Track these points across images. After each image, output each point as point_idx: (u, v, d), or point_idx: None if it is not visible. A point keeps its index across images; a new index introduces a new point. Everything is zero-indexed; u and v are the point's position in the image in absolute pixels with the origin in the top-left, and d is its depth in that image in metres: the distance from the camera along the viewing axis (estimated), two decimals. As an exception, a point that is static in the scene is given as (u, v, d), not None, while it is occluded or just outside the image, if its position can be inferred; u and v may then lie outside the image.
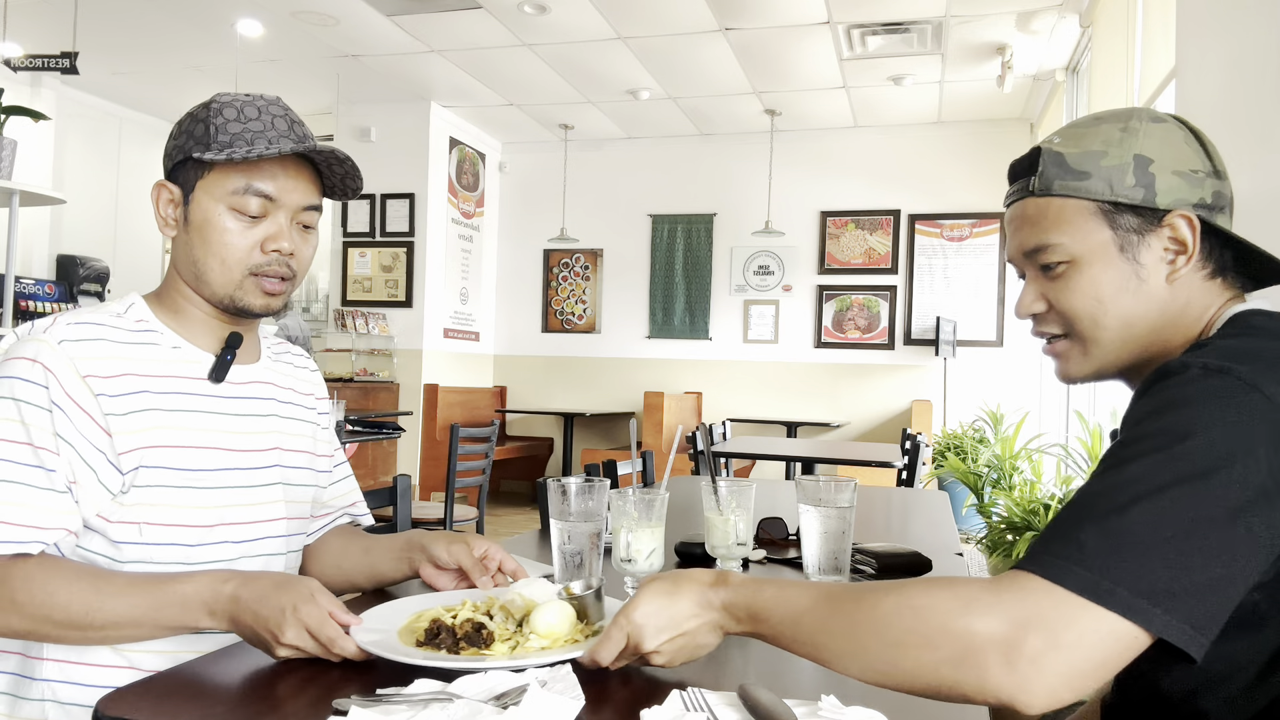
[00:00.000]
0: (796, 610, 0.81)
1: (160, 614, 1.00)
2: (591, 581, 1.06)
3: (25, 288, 5.28)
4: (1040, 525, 4.23)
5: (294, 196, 1.16)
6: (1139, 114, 0.92)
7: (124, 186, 7.52)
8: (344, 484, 1.42)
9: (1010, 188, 0.99)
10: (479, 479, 4.16)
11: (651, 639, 0.87)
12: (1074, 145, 0.92)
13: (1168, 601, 0.68)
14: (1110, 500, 0.72)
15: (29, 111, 3.47)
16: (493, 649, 0.95)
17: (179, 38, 5.99)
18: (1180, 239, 0.89)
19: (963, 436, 6.23)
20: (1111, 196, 0.89)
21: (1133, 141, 0.90)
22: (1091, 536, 0.71)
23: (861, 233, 7.44)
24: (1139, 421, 0.77)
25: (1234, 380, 0.74)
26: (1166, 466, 0.72)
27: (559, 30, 5.62)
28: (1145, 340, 0.92)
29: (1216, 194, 0.90)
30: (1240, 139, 2.32)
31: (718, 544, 1.35)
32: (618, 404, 7.89)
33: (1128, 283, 0.90)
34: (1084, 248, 0.91)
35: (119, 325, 1.14)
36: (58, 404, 1.04)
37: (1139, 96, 3.86)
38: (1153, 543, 0.69)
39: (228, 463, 1.16)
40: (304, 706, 0.84)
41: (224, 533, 1.15)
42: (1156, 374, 0.80)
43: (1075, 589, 0.69)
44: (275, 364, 1.31)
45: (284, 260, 1.17)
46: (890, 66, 6.06)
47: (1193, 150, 0.91)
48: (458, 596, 1.13)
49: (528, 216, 8.19)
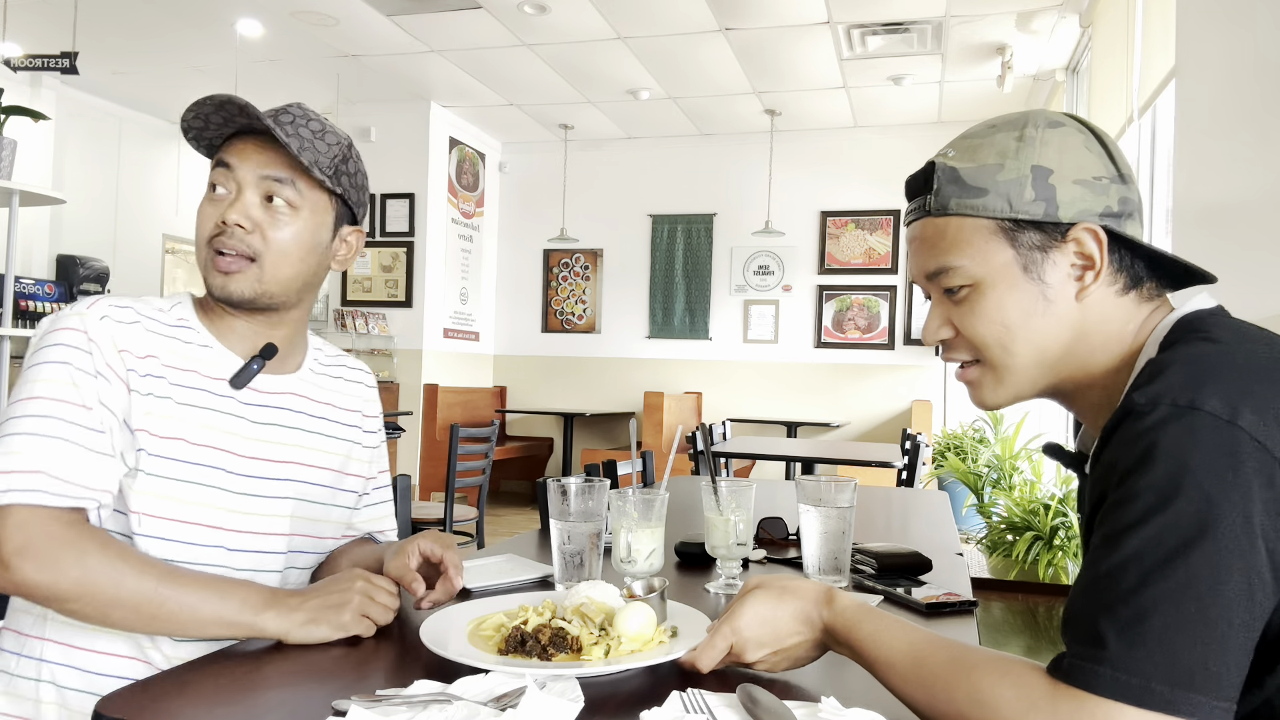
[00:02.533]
0: (886, 659, 0.82)
1: (217, 608, 1.01)
2: (654, 583, 1.05)
3: (25, 288, 5.27)
4: (1041, 526, 4.24)
5: (250, 162, 1.13)
6: (1034, 118, 0.87)
7: (124, 186, 7.52)
8: (377, 509, 1.37)
9: (908, 205, 0.93)
10: (479, 479, 4.16)
11: (754, 651, 0.89)
12: (969, 159, 0.87)
13: (1205, 683, 0.68)
14: (1118, 586, 0.71)
15: (29, 111, 3.46)
16: (589, 653, 0.93)
17: (179, 38, 5.99)
18: (1087, 254, 0.84)
19: (963, 436, 6.23)
20: (1011, 213, 0.84)
21: (1030, 151, 0.84)
22: (1111, 632, 0.70)
23: (861, 233, 7.44)
24: (1123, 478, 0.73)
25: (1206, 417, 0.70)
26: (1166, 534, 0.69)
27: (559, 30, 5.62)
28: (1060, 362, 0.88)
29: (1123, 200, 0.85)
30: (1240, 139, 2.32)
31: (718, 544, 1.35)
32: (618, 404, 7.89)
33: (1035, 305, 0.85)
34: (985, 269, 0.85)
35: (158, 318, 1.15)
36: (101, 372, 1.07)
37: (1139, 96, 3.86)
38: (1175, 623, 0.68)
39: (232, 468, 1.14)
40: (304, 706, 0.84)
41: (219, 538, 1.13)
42: (1120, 413, 0.75)
43: (1111, 695, 0.69)
44: (318, 377, 1.28)
45: (243, 237, 1.12)
46: (890, 66, 6.06)
47: (1094, 155, 0.85)
48: (514, 601, 1.11)
49: (528, 216, 8.19)
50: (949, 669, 0.78)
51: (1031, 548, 4.18)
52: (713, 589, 1.31)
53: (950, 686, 0.77)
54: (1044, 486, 4.77)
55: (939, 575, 1.42)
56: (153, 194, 7.77)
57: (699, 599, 1.27)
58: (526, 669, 0.88)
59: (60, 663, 1.08)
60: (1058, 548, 4.16)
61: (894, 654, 0.82)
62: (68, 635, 1.08)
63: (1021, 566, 4.24)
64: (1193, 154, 2.77)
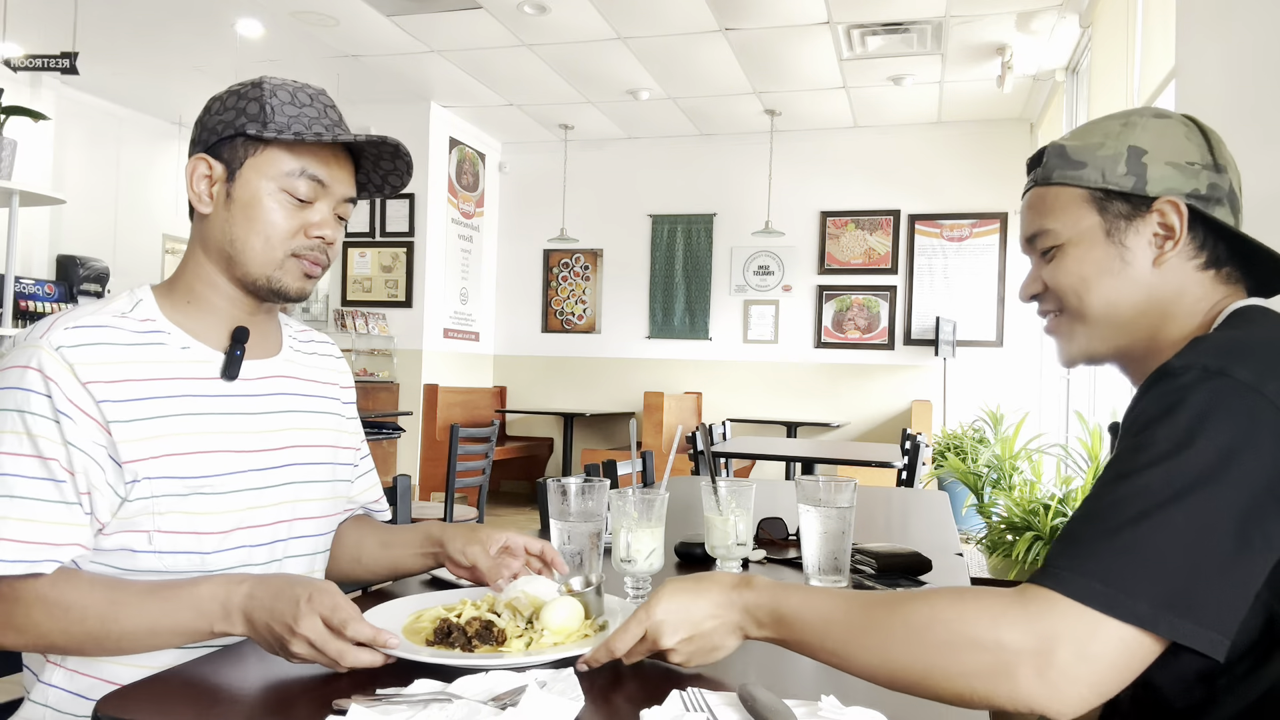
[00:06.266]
0: (824, 617, 0.82)
1: (175, 619, 0.98)
2: (590, 578, 1.06)
3: (25, 288, 5.28)
4: (1040, 526, 4.24)
5: (341, 186, 1.18)
6: (1144, 111, 0.95)
7: (124, 186, 7.52)
8: (368, 478, 1.40)
9: (1026, 180, 1.04)
10: (479, 479, 4.16)
11: (669, 636, 0.88)
12: (1077, 139, 0.96)
13: (1189, 610, 0.71)
14: (1121, 512, 0.74)
15: (29, 111, 3.46)
16: (509, 645, 0.95)
17: (179, 38, 5.99)
18: (1168, 224, 0.91)
19: (962, 436, 6.23)
20: (1102, 184, 0.93)
21: (1130, 134, 0.93)
22: (1107, 550, 0.73)
23: (861, 233, 7.44)
24: (1145, 425, 0.78)
25: (1233, 382, 0.75)
26: (1173, 476, 0.73)
27: (559, 30, 5.62)
28: (1134, 324, 0.94)
29: (1212, 186, 0.92)
30: (1240, 139, 2.32)
31: (718, 544, 1.35)
32: (618, 404, 7.88)
33: (1111, 264, 0.93)
34: (1073, 231, 0.95)
35: (122, 326, 1.09)
36: (63, 412, 1.01)
37: (1139, 96, 3.86)
38: (1168, 552, 0.72)
39: (242, 465, 1.13)
40: (304, 706, 0.84)
41: (242, 537, 1.12)
42: (1157, 374, 0.81)
43: (1098, 606, 0.72)
44: (297, 354, 1.29)
45: (323, 248, 1.18)
46: (890, 67, 6.06)
47: (1193, 144, 0.93)
48: (455, 596, 1.13)
49: (528, 216, 8.19)
50: (900, 605, 0.79)
51: (1031, 548, 4.17)
52: (713, 589, 1.31)
53: (906, 619, 0.78)
54: (1044, 486, 4.77)
55: (939, 575, 1.42)
56: (153, 194, 7.76)
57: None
58: (449, 659, 0.90)
59: (64, 688, 1.07)
60: (1058, 548, 4.15)
61: (830, 610, 0.82)
62: (74, 662, 1.07)
63: (1021, 567, 4.24)
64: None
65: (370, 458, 1.42)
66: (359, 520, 1.38)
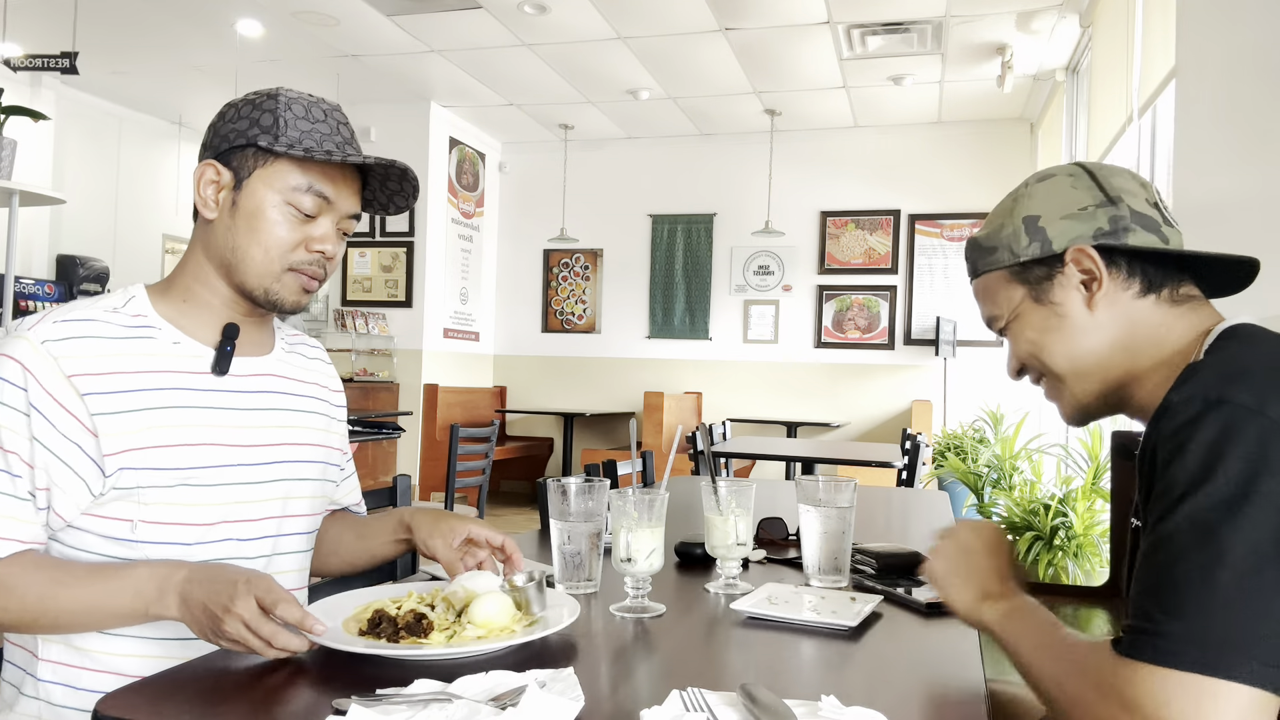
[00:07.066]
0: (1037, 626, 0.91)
1: (114, 600, 1.01)
2: (533, 573, 1.07)
3: (25, 288, 5.28)
4: (1041, 526, 4.24)
5: (346, 203, 1.19)
6: (1029, 180, 1.04)
7: (124, 186, 7.52)
8: (351, 480, 1.43)
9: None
10: (479, 479, 4.16)
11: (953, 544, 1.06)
12: (985, 228, 1.06)
13: (1243, 646, 0.72)
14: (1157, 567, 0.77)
15: (29, 111, 3.46)
16: (430, 638, 0.96)
17: (179, 38, 5.99)
18: (1086, 269, 0.96)
19: (963, 436, 6.23)
20: (1014, 259, 1.01)
21: (1020, 206, 1.01)
22: (1155, 608, 0.76)
23: (861, 233, 7.44)
24: (1162, 471, 0.80)
25: (1236, 409, 0.77)
26: (1198, 514, 0.76)
27: (559, 30, 5.62)
28: (1103, 367, 0.98)
29: (1113, 219, 0.96)
30: (1240, 139, 2.32)
31: (718, 544, 1.35)
32: (618, 404, 7.89)
33: (1049, 322, 1.00)
34: (1009, 308, 1.03)
35: (113, 320, 1.11)
36: (36, 406, 1.02)
37: (1139, 96, 3.86)
38: (1209, 593, 0.74)
39: (230, 459, 1.14)
40: (304, 706, 0.84)
41: (228, 530, 1.14)
42: (1159, 414, 0.82)
43: (1156, 661, 0.75)
44: (289, 355, 1.30)
45: (323, 262, 1.19)
46: (890, 66, 6.06)
47: (1080, 190, 0.98)
48: (404, 589, 1.14)
49: (527, 216, 8.19)
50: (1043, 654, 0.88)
51: (1032, 548, 4.17)
52: (713, 589, 1.31)
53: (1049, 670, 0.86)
54: (1044, 486, 4.77)
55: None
56: (153, 194, 7.77)
57: (699, 599, 1.27)
58: (372, 649, 0.93)
59: (53, 681, 1.08)
60: (1058, 548, 4.16)
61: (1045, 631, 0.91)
62: (57, 653, 1.08)
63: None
64: (1193, 154, 2.77)
65: (353, 461, 1.44)
66: (338, 515, 1.39)
